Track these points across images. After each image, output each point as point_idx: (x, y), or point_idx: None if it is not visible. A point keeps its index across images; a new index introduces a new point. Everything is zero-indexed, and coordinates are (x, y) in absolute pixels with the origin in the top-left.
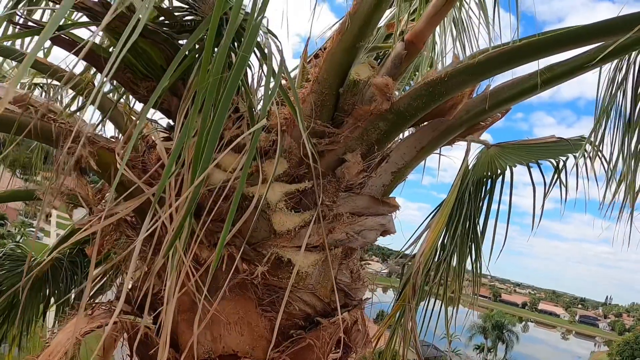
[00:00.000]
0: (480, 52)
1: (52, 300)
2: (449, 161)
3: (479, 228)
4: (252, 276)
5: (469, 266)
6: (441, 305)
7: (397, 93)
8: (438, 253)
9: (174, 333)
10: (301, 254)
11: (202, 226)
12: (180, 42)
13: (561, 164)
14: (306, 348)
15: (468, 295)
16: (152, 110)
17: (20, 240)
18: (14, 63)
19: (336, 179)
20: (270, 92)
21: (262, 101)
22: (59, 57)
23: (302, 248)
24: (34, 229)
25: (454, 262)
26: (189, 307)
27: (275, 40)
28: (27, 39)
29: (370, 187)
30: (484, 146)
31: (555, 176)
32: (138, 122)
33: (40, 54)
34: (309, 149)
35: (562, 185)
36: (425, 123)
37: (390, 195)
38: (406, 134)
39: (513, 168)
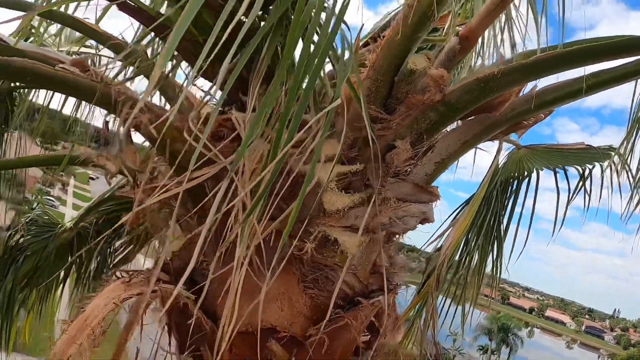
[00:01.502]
0: (528, 52)
1: (74, 268)
2: (469, 159)
3: (502, 228)
4: (300, 252)
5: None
6: (450, 304)
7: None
8: (460, 250)
9: (213, 304)
10: (359, 235)
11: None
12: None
13: (587, 171)
14: (343, 327)
15: (479, 295)
16: (203, 81)
17: (37, 207)
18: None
19: (385, 164)
20: (342, 76)
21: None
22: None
23: (360, 230)
24: (50, 197)
25: (474, 262)
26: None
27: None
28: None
29: (415, 174)
30: (514, 147)
31: (580, 184)
32: (207, 100)
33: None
34: (370, 133)
35: (586, 194)
36: (471, 117)
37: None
38: (452, 126)
39: (540, 171)
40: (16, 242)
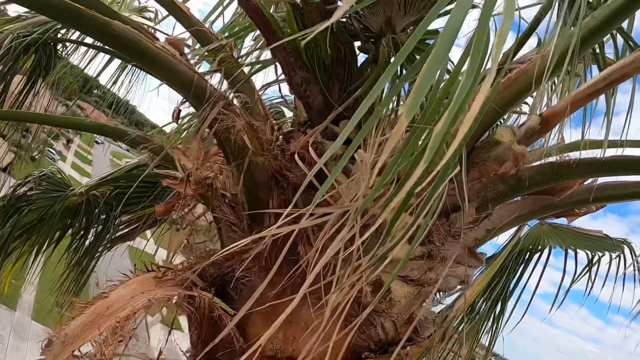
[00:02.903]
0: (596, 141)
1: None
2: None
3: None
4: (359, 294)
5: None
6: None
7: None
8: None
9: (243, 321)
10: (434, 291)
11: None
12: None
13: (596, 258)
14: None
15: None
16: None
17: (37, 157)
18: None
19: (449, 223)
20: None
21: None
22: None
23: (445, 285)
24: (52, 150)
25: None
26: (271, 302)
27: None
28: None
29: (468, 238)
30: (538, 221)
31: (586, 269)
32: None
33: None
34: (462, 192)
35: (590, 280)
36: (531, 195)
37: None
38: None
39: (552, 248)
40: (24, 193)
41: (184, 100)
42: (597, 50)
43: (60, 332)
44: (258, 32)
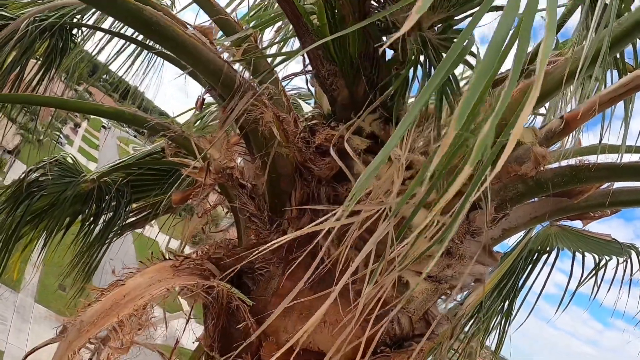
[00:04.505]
0: (613, 146)
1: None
2: None
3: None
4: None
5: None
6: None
7: None
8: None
9: (261, 312)
10: (452, 281)
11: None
12: None
13: (602, 262)
14: None
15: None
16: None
17: (44, 141)
18: None
19: (468, 221)
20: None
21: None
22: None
23: (461, 279)
24: (58, 133)
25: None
26: (289, 294)
27: None
28: None
29: (484, 237)
30: (547, 222)
31: (593, 272)
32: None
33: None
34: (484, 192)
35: (595, 284)
36: (548, 196)
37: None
38: None
39: (560, 250)
40: (36, 179)
41: (209, 88)
42: (617, 56)
43: (75, 319)
44: (280, 23)
